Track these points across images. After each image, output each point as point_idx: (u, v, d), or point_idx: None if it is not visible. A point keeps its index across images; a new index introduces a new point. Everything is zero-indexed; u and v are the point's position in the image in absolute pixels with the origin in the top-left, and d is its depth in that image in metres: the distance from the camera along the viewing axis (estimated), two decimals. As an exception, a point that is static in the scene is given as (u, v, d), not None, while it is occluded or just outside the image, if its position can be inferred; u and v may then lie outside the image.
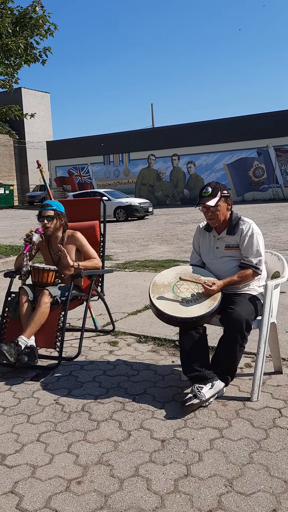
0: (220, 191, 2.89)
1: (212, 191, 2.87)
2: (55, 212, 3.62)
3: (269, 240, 9.74)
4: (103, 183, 33.61)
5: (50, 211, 3.61)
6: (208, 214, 2.91)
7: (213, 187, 2.90)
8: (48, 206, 3.63)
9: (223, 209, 2.91)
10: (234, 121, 28.58)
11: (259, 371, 2.68)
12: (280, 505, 1.81)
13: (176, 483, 1.98)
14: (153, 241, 11.41)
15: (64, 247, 3.61)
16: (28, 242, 3.54)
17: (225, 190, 2.93)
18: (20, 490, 1.98)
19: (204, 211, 2.93)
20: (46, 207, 3.64)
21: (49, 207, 3.63)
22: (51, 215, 3.60)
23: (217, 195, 2.87)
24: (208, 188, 2.89)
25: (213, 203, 2.84)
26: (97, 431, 2.44)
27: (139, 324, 4.22)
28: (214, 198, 2.86)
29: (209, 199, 2.85)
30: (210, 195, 2.86)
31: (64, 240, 3.67)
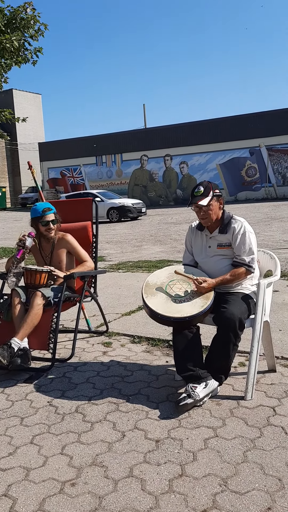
0: (212, 190, 2.89)
1: (204, 191, 2.87)
2: (55, 215, 3.63)
3: (262, 239, 9.78)
4: (96, 184, 33.57)
5: (52, 215, 3.62)
6: (201, 213, 2.91)
7: (205, 186, 2.89)
8: (50, 210, 3.62)
9: (216, 208, 2.91)
10: (227, 121, 28.67)
11: (252, 370, 2.68)
12: (275, 504, 1.81)
13: (171, 483, 1.97)
14: (147, 242, 11.41)
15: (54, 251, 3.61)
16: (21, 246, 3.52)
17: (217, 189, 2.93)
18: (13, 493, 1.97)
19: (196, 210, 2.92)
20: (48, 212, 3.62)
21: (51, 211, 3.63)
22: (54, 218, 3.62)
23: (209, 194, 2.87)
24: (200, 188, 2.89)
25: (205, 202, 2.84)
26: (91, 432, 2.43)
27: (132, 325, 4.21)
28: (206, 197, 2.86)
29: (201, 198, 2.85)
30: (202, 194, 2.86)
31: (54, 242, 3.65)
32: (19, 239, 3.54)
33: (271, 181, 27.71)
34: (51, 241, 3.66)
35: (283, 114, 26.73)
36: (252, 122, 27.48)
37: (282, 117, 26.63)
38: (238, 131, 27.89)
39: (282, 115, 26.71)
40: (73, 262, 3.73)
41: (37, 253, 3.76)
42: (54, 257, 3.66)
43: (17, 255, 3.49)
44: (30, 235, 3.55)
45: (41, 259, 3.74)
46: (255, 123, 27.37)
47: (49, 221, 3.59)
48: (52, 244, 3.66)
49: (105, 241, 11.93)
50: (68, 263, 3.69)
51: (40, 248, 3.73)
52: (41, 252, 3.73)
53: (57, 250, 3.65)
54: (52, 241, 3.65)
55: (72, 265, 3.71)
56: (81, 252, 3.66)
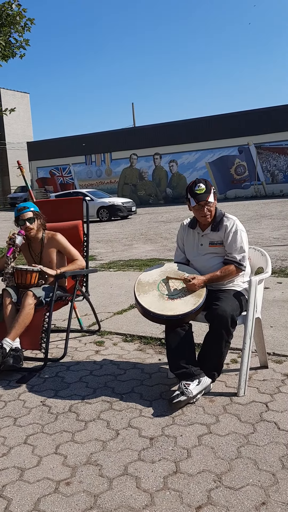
0: (211, 187, 2.89)
1: (206, 188, 2.85)
2: (33, 213, 3.58)
3: (252, 237, 9.83)
4: (85, 183, 33.48)
5: (29, 213, 3.57)
6: (204, 210, 2.87)
7: (205, 183, 2.88)
8: (26, 209, 3.58)
9: (214, 205, 2.92)
10: (215, 119, 28.77)
11: (245, 366, 2.69)
12: (269, 498, 1.83)
13: (166, 480, 1.98)
14: (137, 241, 11.41)
15: (44, 250, 3.59)
16: (12, 245, 3.50)
17: (212, 186, 2.94)
18: (8, 493, 1.96)
19: (198, 208, 2.87)
20: (23, 210, 3.58)
21: (27, 209, 3.58)
22: (31, 216, 3.57)
23: (211, 191, 2.87)
24: (201, 185, 2.85)
25: (212, 199, 2.85)
26: (85, 431, 2.42)
27: (125, 323, 4.21)
28: (210, 193, 2.85)
29: (207, 195, 2.84)
30: (206, 191, 2.84)
31: (44, 241, 3.63)
32: (9, 237, 3.52)
33: (260, 179, 27.88)
34: (40, 241, 3.64)
35: (271, 112, 26.91)
36: (241, 120, 27.60)
37: (271, 115, 26.81)
38: (227, 129, 28.02)
39: (270, 113, 26.89)
40: (64, 261, 3.71)
41: (27, 253, 3.74)
42: (44, 257, 3.64)
43: (8, 253, 3.47)
44: (20, 233, 3.53)
45: (31, 259, 3.72)
46: (244, 121, 27.49)
47: (25, 219, 3.57)
48: (41, 243, 3.64)
49: (96, 240, 11.91)
50: (59, 262, 3.67)
51: (29, 248, 3.71)
52: (31, 252, 3.71)
53: (47, 249, 3.63)
54: (41, 240, 3.64)
55: (63, 264, 3.69)
56: (72, 251, 3.65)
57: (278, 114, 26.58)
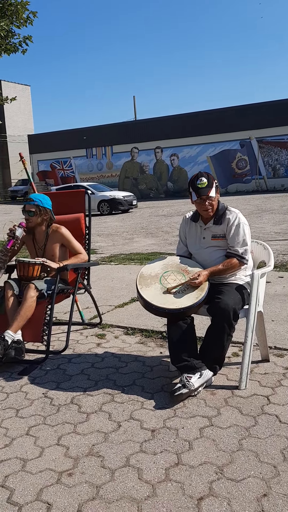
0: (214, 181, 2.88)
1: (208, 182, 2.84)
2: (36, 207, 3.57)
3: (253, 231, 9.81)
4: (86, 177, 33.40)
5: (32, 207, 3.56)
6: (206, 205, 2.87)
7: (207, 177, 2.87)
8: (31, 201, 3.58)
9: (217, 199, 2.92)
10: (217, 113, 28.63)
11: (246, 360, 2.70)
12: (270, 490, 1.84)
13: (167, 472, 1.99)
14: (138, 234, 11.40)
15: (48, 244, 3.59)
16: (12, 237, 3.49)
17: (215, 180, 2.93)
18: (10, 484, 1.97)
19: (199, 202, 2.87)
20: (29, 201, 3.58)
21: (32, 201, 3.58)
22: (33, 210, 3.56)
23: (213, 185, 2.86)
24: (203, 179, 2.85)
25: (214, 193, 2.84)
26: (86, 423, 2.43)
27: (126, 317, 4.22)
28: (212, 188, 2.84)
29: (209, 189, 2.83)
30: (208, 185, 2.83)
31: (48, 235, 3.63)
32: (10, 229, 3.51)
33: (261, 173, 27.79)
34: (45, 233, 3.63)
35: (273, 106, 26.77)
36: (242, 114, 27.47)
37: (273, 109, 26.67)
38: (229, 123, 27.89)
39: (272, 107, 26.75)
40: (66, 255, 3.71)
41: (31, 245, 3.74)
42: (47, 250, 3.64)
43: (8, 245, 3.47)
44: (21, 225, 3.52)
45: (34, 252, 3.71)
46: (246, 115, 27.37)
47: (26, 211, 3.57)
48: (45, 236, 3.63)
49: (96, 234, 11.90)
50: (61, 256, 3.67)
51: (34, 240, 3.70)
52: (35, 245, 3.70)
53: (51, 242, 3.63)
54: (46, 233, 3.63)
55: (66, 258, 3.69)
56: (76, 245, 3.64)
57: (280, 108, 26.45)
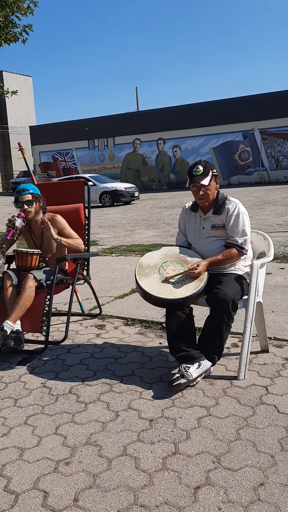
0: (211, 169, 2.86)
1: (204, 170, 2.83)
2: (32, 195, 3.55)
3: (255, 223, 9.78)
4: (88, 168, 33.30)
5: (27, 196, 3.54)
6: (200, 193, 2.86)
7: (204, 165, 2.85)
8: (25, 191, 3.55)
9: (213, 189, 2.88)
10: (220, 104, 28.44)
11: (245, 350, 2.69)
12: (267, 479, 1.84)
13: (164, 461, 1.99)
14: (140, 226, 11.37)
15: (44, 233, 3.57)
16: (11, 227, 3.48)
17: (214, 169, 2.91)
18: (7, 472, 1.97)
19: (195, 190, 2.87)
20: (22, 192, 3.55)
21: (26, 191, 3.55)
22: (30, 199, 3.53)
23: (209, 173, 2.83)
24: (199, 167, 2.84)
25: (207, 182, 2.81)
26: (85, 412, 2.44)
27: (126, 307, 4.21)
28: (207, 177, 2.82)
29: (202, 178, 2.81)
30: (203, 173, 2.82)
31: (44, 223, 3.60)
32: (9, 220, 3.49)
33: (264, 165, 27.65)
34: (40, 223, 3.61)
35: (277, 97, 26.56)
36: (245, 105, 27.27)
37: (276, 100, 26.47)
38: (232, 114, 27.71)
39: (276, 98, 26.55)
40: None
41: (28, 236, 3.72)
42: (44, 239, 3.62)
43: (7, 235, 3.45)
44: (20, 215, 3.51)
45: (32, 242, 3.70)
46: (249, 106, 27.16)
47: (22, 201, 3.54)
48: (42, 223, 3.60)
49: (98, 226, 11.88)
50: (59, 245, 3.65)
51: (30, 231, 3.68)
52: (32, 235, 3.69)
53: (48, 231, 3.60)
54: (41, 222, 3.61)
55: (63, 247, 3.67)
56: (71, 233, 3.62)
57: (284, 99, 26.24)
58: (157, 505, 1.73)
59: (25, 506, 1.76)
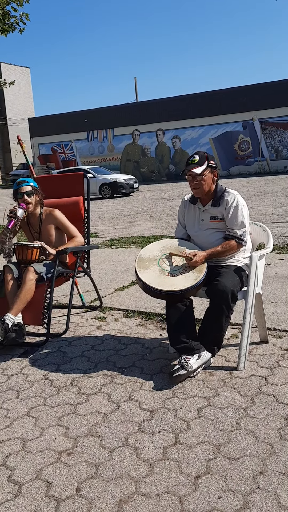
0: (207, 160, 2.86)
1: (199, 159, 2.84)
2: (32, 187, 3.57)
3: (255, 213, 9.77)
4: (87, 160, 33.18)
5: (27, 187, 3.55)
6: (194, 182, 2.87)
7: (201, 156, 2.86)
8: (25, 183, 3.57)
9: (209, 180, 2.88)
10: (219, 94, 28.26)
11: (245, 341, 2.71)
12: (267, 468, 1.86)
13: (165, 451, 2.02)
14: (139, 218, 11.37)
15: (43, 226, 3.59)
16: (13, 217, 3.48)
17: (212, 160, 2.89)
18: (11, 463, 2.00)
19: (189, 179, 2.89)
20: (22, 184, 3.57)
21: (26, 183, 3.57)
22: (30, 190, 3.55)
23: (204, 164, 2.83)
24: (196, 156, 2.86)
25: (199, 171, 2.81)
26: (86, 404, 2.46)
27: (126, 299, 4.23)
28: (201, 166, 2.83)
29: (196, 166, 2.82)
30: (197, 163, 2.83)
31: (42, 218, 3.62)
32: (10, 210, 3.50)
33: (264, 155, 27.55)
34: (38, 217, 3.63)
35: (276, 87, 26.38)
36: (245, 95, 27.09)
37: (276, 89, 26.29)
38: (231, 104, 27.54)
39: (275, 88, 26.37)
40: (63, 237, 3.70)
41: (26, 229, 3.74)
42: (43, 233, 3.64)
43: (9, 225, 3.46)
44: (21, 206, 3.51)
45: (31, 235, 3.72)
46: (248, 95, 26.99)
47: (23, 192, 3.55)
48: (39, 219, 3.63)
49: (98, 218, 11.87)
50: (58, 238, 3.66)
51: (28, 224, 3.70)
52: (30, 228, 3.70)
53: (46, 225, 3.62)
54: (40, 216, 3.63)
55: (63, 240, 3.69)
56: (70, 228, 3.64)
57: (283, 89, 26.07)
58: (158, 494, 1.77)
59: (29, 496, 1.79)
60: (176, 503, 1.71)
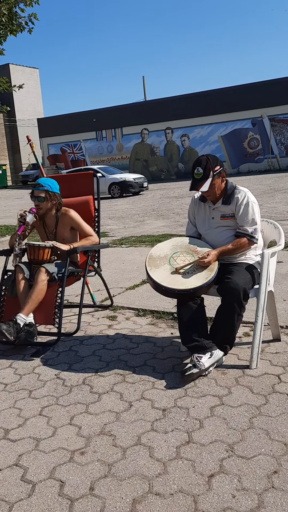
0: (211, 169, 2.79)
1: (203, 173, 2.78)
2: (46, 193, 3.56)
3: (265, 211, 9.70)
4: (96, 160, 33.23)
5: (41, 192, 3.55)
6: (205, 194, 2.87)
7: (204, 166, 2.79)
8: (40, 186, 3.56)
9: (218, 184, 2.85)
10: (228, 91, 28.08)
11: (257, 339, 2.69)
12: (281, 467, 1.85)
13: (178, 450, 2.01)
14: (149, 217, 11.35)
15: (58, 227, 3.59)
16: (22, 222, 3.50)
17: (217, 164, 2.83)
18: (24, 462, 2.01)
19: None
20: (37, 187, 3.56)
21: (41, 187, 3.56)
22: (42, 196, 3.54)
23: (209, 176, 2.78)
24: (199, 169, 2.79)
25: (206, 187, 2.77)
26: (98, 403, 2.46)
27: (137, 298, 4.23)
28: (206, 180, 2.77)
29: (202, 183, 2.77)
30: (202, 177, 2.78)
31: (58, 219, 3.63)
32: (20, 215, 3.52)
33: (273, 152, 27.32)
34: (55, 218, 3.63)
35: (285, 83, 26.13)
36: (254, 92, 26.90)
37: (285, 86, 26.04)
38: (240, 101, 27.34)
39: (285, 84, 26.12)
40: (76, 238, 3.71)
41: (41, 230, 3.75)
42: (58, 234, 3.64)
43: (18, 231, 3.48)
44: (31, 211, 3.52)
45: (45, 236, 3.72)
46: (257, 93, 26.79)
47: (35, 196, 3.55)
48: (55, 220, 3.63)
49: (107, 217, 11.88)
50: (71, 239, 3.67)
51: (44, 225, 3.70)
52: (45, 229, 3.71)
53: (61, 226, 3.63)
54: (56, 217, 3.63)
55: (76, 240, 3.69)
56: (85, 227, 3.64)
57: (293, 85, 25.82)
58: (171, 493, 1.76)
59: (42, 495, 1.80)
60: (190, 503, 1.70)
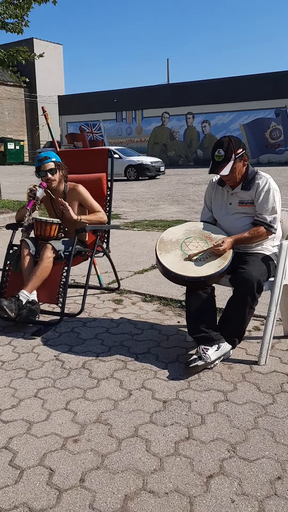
0: (233, 151, 2.61)
1: (225, 155, 2.60)
2: (55, 163, 3.41)
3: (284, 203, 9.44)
4: (114, 141, 32.87)
5: (50, 164, 3.39)
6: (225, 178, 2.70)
7: (226, 148, 2.60)
8: (47, 159, 3.40)
9: (239, 168, 2.67)
10: (253, 79, 27.39)
11: (268, 335, 2.55)
12: (286, 473, 1.72)
13: (177, 446, 1.90)
14: (164, 201, 11.17)
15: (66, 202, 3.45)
16: (32, 197, 3.36)
17: (239, 147, 2.65)
18: (14, 446, 1.91)
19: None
20: (45, 160, 3.40)
21: (48, 159, 3.39)
22: (53, 167, 3.39)
23: (231, 158, 2.60)
24: (221, 151, 2.61)
25: (227, 171, 2.59)
26: (97, 389, 2.36)
27: (145, 283, 4.10)
28: (228, 163, 2.59)
29: (222, 166, 2.59)
30: (223, 160, 2.60)
31: (65, 193, 3.48)
32: (30, 189, 3.38)
33: (295, 144, 26.73)
34: (62, 193, 3.48)
35: (313, 73, 25.41)
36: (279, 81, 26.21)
37: (312, 76, 25.33)
38: (264, 90, 26.67)
39: (312, 74, 25.40)
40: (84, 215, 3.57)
41: (49, 205, 3.61)
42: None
43: (27, 206, 3.35)
44: (42, 185, 3.39)
45: (53, 212, 3.59)
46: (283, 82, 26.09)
47: (46, 170, 3.39)
48: (63, 196, 3.48)
49: (121, 199, 11.72)
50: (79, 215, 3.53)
51: (51, 201, 3.57)
52: (53, 205, 3.58)
53: (69, 202, 3.48)
54: (63, 192, 3.48)
55: (84, 218, 3.56)
56: (93, 203, 3.49)
57: None
58: (166, 492, 1.65)
59: (29, 483, 1.70)
60: (186, 504, 1.59)
